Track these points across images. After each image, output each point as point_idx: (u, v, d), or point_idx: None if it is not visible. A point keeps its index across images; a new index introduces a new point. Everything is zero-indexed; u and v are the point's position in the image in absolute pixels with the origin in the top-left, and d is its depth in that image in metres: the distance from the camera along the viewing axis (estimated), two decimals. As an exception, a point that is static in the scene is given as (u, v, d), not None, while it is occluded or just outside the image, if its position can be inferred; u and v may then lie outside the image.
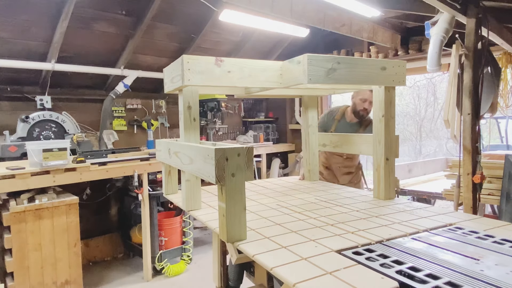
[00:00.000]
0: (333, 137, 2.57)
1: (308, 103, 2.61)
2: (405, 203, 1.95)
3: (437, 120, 13.37)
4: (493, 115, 2.97)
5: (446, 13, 2.63)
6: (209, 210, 1.88)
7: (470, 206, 2.61)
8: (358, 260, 1.16)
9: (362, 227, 1.52)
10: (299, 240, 1.38)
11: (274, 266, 1.13)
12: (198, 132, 1.86)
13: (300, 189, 2.41)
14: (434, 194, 4.09)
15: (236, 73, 1.76)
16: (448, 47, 2.85)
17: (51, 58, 3.98)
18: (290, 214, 1.77)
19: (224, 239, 1.41)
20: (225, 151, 1.32)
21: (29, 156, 2.96)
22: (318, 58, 1.63)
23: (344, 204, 1.95)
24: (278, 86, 1.87)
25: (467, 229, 1.46)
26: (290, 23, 4.22)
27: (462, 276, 1.04)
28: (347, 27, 3.83)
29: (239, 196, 1.37)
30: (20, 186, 2.86)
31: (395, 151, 2.04)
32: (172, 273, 3.74)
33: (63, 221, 2.98)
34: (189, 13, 4.40)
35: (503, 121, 6.62)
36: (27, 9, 3.50)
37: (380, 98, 1.99)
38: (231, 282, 2.34)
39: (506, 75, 3.80)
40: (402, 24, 4.43)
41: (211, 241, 4.64)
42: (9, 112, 4.09)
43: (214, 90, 2.43)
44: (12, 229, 2.75)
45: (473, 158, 2.61)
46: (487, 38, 2.68)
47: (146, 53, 4.74)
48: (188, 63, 1.64)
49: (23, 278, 2.78)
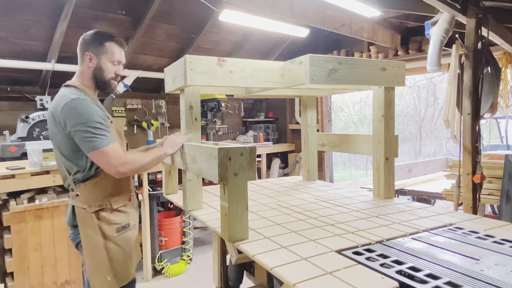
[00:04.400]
0: (333, 137, 2.58)
1: (307, 103, 2.61)
2: (405, 203, 1.95)
3: (437, 120, 13.38)
4: (493, 115, 2.97)
5: (446, 13, 2.63)
6: (209, 210, 1.88)
7: (470, 206, 2.61)
8: (358, 260, 1.17)
9: (362, 227, 1.52)
10: (299, 240, 1.38)
11: (274, 266, 1.14)
12: (199, 132, 1.86)
13: (300, 189, 2.41)
14: (434, 194, 4.09)
15: (238, 73, 1.76)
16: (448, 47, 2.85)
17: (51, 58, 3.98)
18: (290, 214, 1.78)
19: (226, 238, 1.41)
20: (228, 151, 1.32)
21: (29, 156, 2.96)
22: (320, 58, 1.64)
23: (344, 204, 1.96)
24: (280, 86, 1.87)
25: (467, 229, 1.46)
26: (290, 23, 4.22)
27: (462, 276, 1.04)
28: (347, 27, 3.83)
29: (241, 195, 1.38)
30: (20, 186, 2.86)
31: (395, 151, 2.05)
32: (172, 273, 3.74)
33: (63, 221, 2.98)
34: (189, 13, 4.40)
35: (503, 121, 6.62)
36: (27, 9, 3.50)
37: (380, 98, 2.00)
38: (231, 282, 2.34)
39: (506, 75, 3.80)
40: (402, 24, 4.44)
41: (211, 241, 4.64)
42: (9, 112, 4.09)
43: (214, 90, 2.43)
44: (12, 229, 2.75)
45: (473, 158, 2.61)
46: (487, 38, 2.68)
47: (146, 53, 4.74)
48: (191, 63, 1.64)
49: (23, 278, 2.78)
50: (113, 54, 1.87)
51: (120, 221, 1.85)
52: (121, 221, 1.85)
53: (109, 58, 1.87)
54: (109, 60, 1.87)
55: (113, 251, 1.80)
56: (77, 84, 1.84)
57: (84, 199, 1.77)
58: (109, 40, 1.87)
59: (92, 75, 1.87)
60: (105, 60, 1.86)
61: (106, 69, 1.87)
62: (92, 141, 1.64)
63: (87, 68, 1.86)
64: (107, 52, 1.86)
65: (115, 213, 1.83)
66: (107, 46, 1.86)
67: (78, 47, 1.88)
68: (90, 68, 1.86)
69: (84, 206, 1.77)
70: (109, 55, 1.87)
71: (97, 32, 1.88)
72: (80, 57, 1.87)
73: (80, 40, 1.87)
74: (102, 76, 1.87)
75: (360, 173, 13.58)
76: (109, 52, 1.86)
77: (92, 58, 1.85)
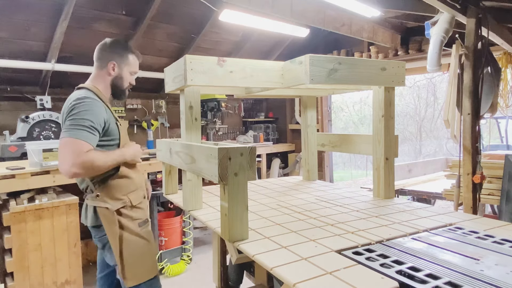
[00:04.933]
0: (333, 137, 2.58)
1: (307, 103, 2.61)
2: (405, 203, 1.95)
3: (437, 120, 13.39)
4: (493, 115, 2.97)
5: (446, 13, 2.63)
6: (209, 210, 1.88)
7: (470, 206, 2.61)
8: (358, 260, 1.17)
9: (362, 227, 1.52)
10: (299, 240, 1.38)
11: (274, 266, 1.14)
12: (199, 132, 1.86)
13: (300, 189, 2.41)
14: (434, 194, 4.09)
15: (238, 73, 1.76)
16: (448, 47, 2.85)
17: (51, 58, 3.98)
18: (290, 214, 1.78)
19: (226, 238, 1.41)
20: (228, 151, 1.32)
21: (29, 156, 2.96)
22: (320, 58, 1.64)
23: (344, 204, 1.96)
24: (280, 86, 1.87)
25: (467, 229, 1.46)
26: (290, 23, 4.22)
27: (462, 276, 1.04)
28: (347, 27, 3.83)
29: (241, 195, 1.38)
30: (20, 186, 2.86)
31: (395, 151, 2.05)
32: (172, 273, 3.74)
33: (63, 221, 2.98)
34: (189, 13, 4.40)
35: (503, 121, 6.62)
36: (27, 9, 3.50)
37: (379, 98, 2.00)
38: (231, 282, 2.34)
39: (506, 75, 3.80)
40: (402, 24, 4.44)
41: (211, 241, 4.64)
42: (9, 112, 4.09)
43: (214, 90, 2.43)
44: (12, 229, 2.75)
45: (473, 158, 2.61)
46: (487, 38, 2.68)
47: (146, 53, 4.74)
48: (191, 63, 1.64)
49: (23, 278, 2.78)
50: (133, 66, 2.02)
51: (140, 216, 1.95)
52: (140, 216, 1.95)
53: (129, 69, 2.01)
54: (129, 70, 2.01)
55: (142, 245, 1.90)
56: (90, 87, 1.89)
57: (106, 199, 1.83)
58: (131, 52, 2.01)
59: (111, 82, 1.97)
60: (126, 70, 2.00)
61: (126, 78, 2.01)
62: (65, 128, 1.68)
63: (107, 75, 1.95)
64: (130, 63, 2.00)
65: (135, 209, 1.92)
66: (130, 58, 2.00)
67: (97, 52, 1.96)
68: (110, 75, 1.96)
69: (106, 205, 1.82)
70: (131, 67, 2.01)
71: (120, 43, 2.01)
72: (99, 63, 1.95)
73: (101, 46, 1.96)
74: (121, 84, 2.00)
75: (360, 173, 13.58)
76: (131, 64, 2.01)
77: (115, 67, 1.95)
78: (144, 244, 1.92)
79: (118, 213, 1.84)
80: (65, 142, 1.65)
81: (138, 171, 2.04)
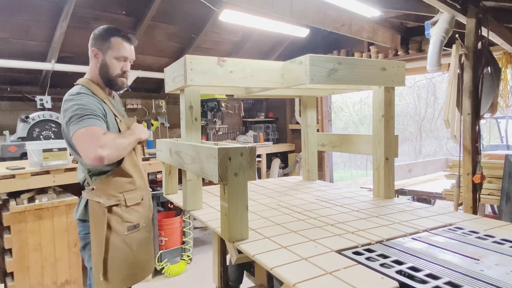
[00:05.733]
0: (333, 137, 2.58)
1: (307, 103, 2.61)
2: (405, 203, 1.95)
3: (437, 120, 13.39)
4: (493, 115, 2.97)
5: (446, 13, 2.63)
6: (209, 210, 1.88)
7: (470, 206, 2.61)
8: (358, 260, 1.17)
9: (362, 227, 1.52)
10: (299, 240, 1.38)
11: (274, 266, 1.14)
12: (199, 132, 1.86)
13: (300, 189, 2.41)
14: (434, 194, 4.09)
15: (238, 73, 1.76)
16: (448, 47, 2.85)
17: (51, 58, 3.98)
18: (290, 214, 1.77)
19: (226, 238, 1.41)
20: (228, 151, 1.32)
21: (29, 156, 2.96)
22: (320, 58, 1.64)
23: (344, 204, 1.96)
24: (280, 86, 1.87)
25: (467, 229, 1.46)
26: (290, 23, 4.22)
27: (462, 276, 1.04)
28: (347, 27, 3.83)
29: (241, 195, 1.38)
30: (20, 186, 2.86)
31: (395, 151, 2.05)
32: (172, 273, 3.74)
33: (63, 221, 2.98)
34: (189, 13, 4.40)
35: (503, 121, 6.62)
36: (27, 9, 3.50)
37: (380, 98, 2.00)
38: (231, 282, 2.34)
39: (506, 75, 3.80)
40: (402, 24, 4.44)
41: (211, 241, 4.64)
42: (9, 112, 4.09)
43: (214, 90, 2.43)
44: (12, 229, 2.75)
45: (473, 158, 2.61)
46: (487, 38, 2.68)
47: (146, 53, 4.74)
48: (191, 63, 1.64)
49: (23, 278, 2.78)
50: (118, 50, 1.80)
51: (132, 219, 1.82)
52: (132, 219, 1.83)
53: (114, 54, 1.80)
54: (114, 56, 1.80)
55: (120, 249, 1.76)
56: (84, 82, 1.81)
57: (100, 193, 1.74)
58: (115, 35, 1.80)
59: (98, 71, 1.83)
60: (110, 55, 1.80)
61: (111, 65, 1.81)
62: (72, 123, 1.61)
63: (94, 65, 1.83)
64: (112, 47, 1.79)
65: (129, 210, 1.81)
66: (112, 41, 1.79)
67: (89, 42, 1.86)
68: (96, 64, 1.82)
69: (99, 200, 1.73)
70: (114, 51, 1.80)
71: (104, 27, 1.83)
72: (89, 53, 1.85)
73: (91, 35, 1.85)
74: (108, 73, 1.82)
75: (360, 173, 13.59)
76: (114, 48, 1.80)
77: (97, 54, 1.80)
78: (125, 251, 1.78)
79: (110, 210, 1.74)
80: (80, 134, 1.59)
81: (140, 170, 1.94)
